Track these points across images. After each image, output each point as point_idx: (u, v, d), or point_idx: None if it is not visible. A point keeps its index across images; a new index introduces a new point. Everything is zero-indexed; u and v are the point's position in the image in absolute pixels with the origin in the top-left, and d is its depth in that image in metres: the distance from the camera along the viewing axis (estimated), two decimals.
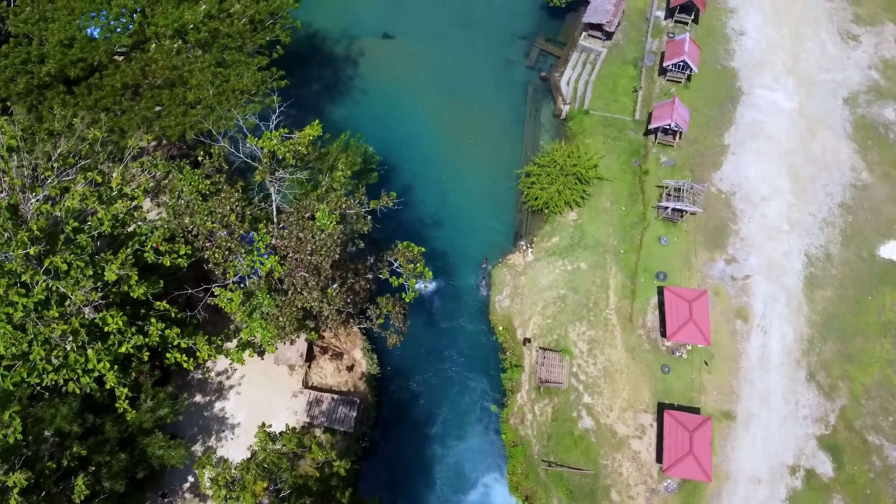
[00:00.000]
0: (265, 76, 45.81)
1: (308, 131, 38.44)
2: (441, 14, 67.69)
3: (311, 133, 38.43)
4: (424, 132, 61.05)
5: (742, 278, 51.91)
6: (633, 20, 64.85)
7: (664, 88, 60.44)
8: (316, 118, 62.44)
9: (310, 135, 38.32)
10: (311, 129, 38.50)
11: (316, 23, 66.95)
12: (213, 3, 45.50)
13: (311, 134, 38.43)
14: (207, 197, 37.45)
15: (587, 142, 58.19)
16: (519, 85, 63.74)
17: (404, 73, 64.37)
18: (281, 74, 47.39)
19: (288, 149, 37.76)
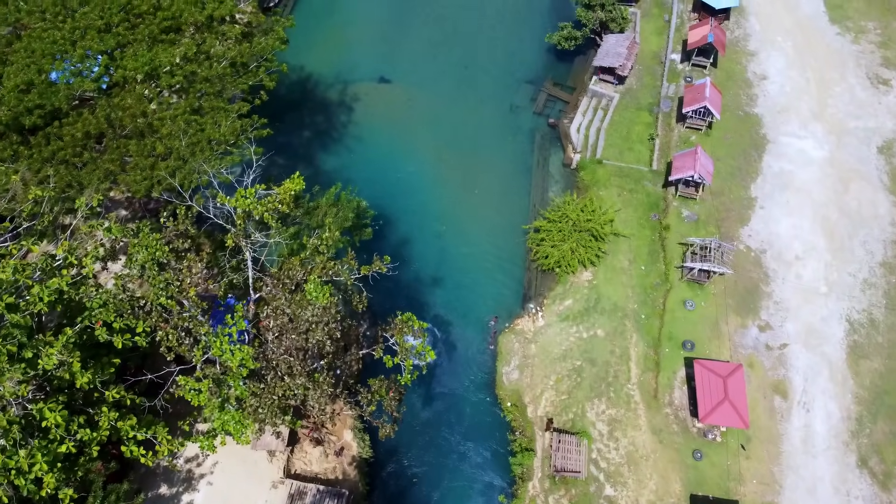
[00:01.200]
0: (245, 124, 40.97)
1: (288, 186, 33.38)
2: (441, 57, 63.56)
3: (293, 188, 33.37)
4: (424, 183, 56.26)
5: (778, 347, 46.40)
6: (646, 64, 60.65)
7: (683, 136, 55.81)
8: (306, 167, 58.54)
9: (291, 190, 33.24)
10: (291, 184, 33.45)
11: (308, 66, 62.85)
12: (191, 45, 40.92)
13: (293, 189, 33.35)
14: (166, 266, 32.15)
15: (601, 194, 53.29)
16: (525, 132, 59.19)
17: (402, 119, 59.92)
18: (263, 122, 42.62)
19: (266, 208, 32.60)
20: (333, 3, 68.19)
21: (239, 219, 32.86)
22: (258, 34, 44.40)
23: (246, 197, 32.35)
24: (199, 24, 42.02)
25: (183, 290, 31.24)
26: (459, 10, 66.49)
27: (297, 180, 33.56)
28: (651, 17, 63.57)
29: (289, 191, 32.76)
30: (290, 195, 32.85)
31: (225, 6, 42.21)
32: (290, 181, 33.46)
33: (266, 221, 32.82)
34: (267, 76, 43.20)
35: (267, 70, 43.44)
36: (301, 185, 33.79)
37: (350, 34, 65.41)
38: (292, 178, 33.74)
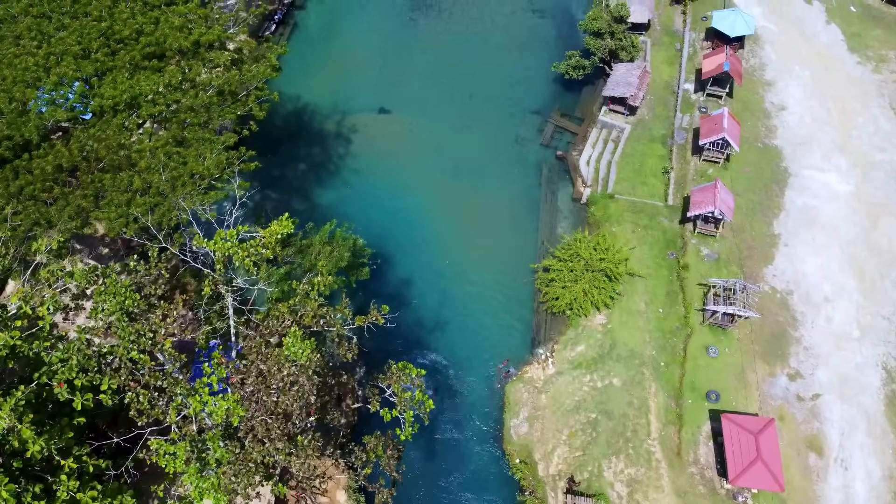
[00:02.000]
0: (232, 157, 37.83)
1: (275, 229, 30.05)
2: (444, 87, 60.82)
3: (279, 230, 30.05)
4: (425, 218, 53.02)
5: (810, 398, 42.66)
6: (658, 93, 57.85)
7: (700, 170, 52.71)
8: (301, 202, 55.34)
9: (277, 233, 29.89)
10: (278, 227, 30.15)
11: (304, 96, 60.14)
12: (176, 72, 37.99)
13: (279, 232, 30.00)
14: (137, 316, 28.61)
15: (614, 230, 49.99)
16: (532, 165, 56.12)
17: (402, 151, 56.93)
18: (251, 155, 39.50)
19: (248, 252, 29.18)
20: (331, 32, 65.75)
21: (218, 263, 29.42)
22: (249, 61, 41.45)
23: (226, 240, 28.95)
24: (185, 51, 39.08)
25: (156, 342, 27.67)
26: (462, 38, 64.00)
27: (284, 222, 30.25)
28: (662, 46, 61.00)
29: (275, 234, 29.42)
30: (276, 239, 29.45)
31: (213, 31, 39.39)
32: (277, 223, 30.16)
33: (247, 268, 29.35)
34: (257, 105, 40.11)
35: (257, 99, 40.28)
36: (289, 227, 30.49)
37: (348, 63, 62.79)
38: (279, 220, 30.43)
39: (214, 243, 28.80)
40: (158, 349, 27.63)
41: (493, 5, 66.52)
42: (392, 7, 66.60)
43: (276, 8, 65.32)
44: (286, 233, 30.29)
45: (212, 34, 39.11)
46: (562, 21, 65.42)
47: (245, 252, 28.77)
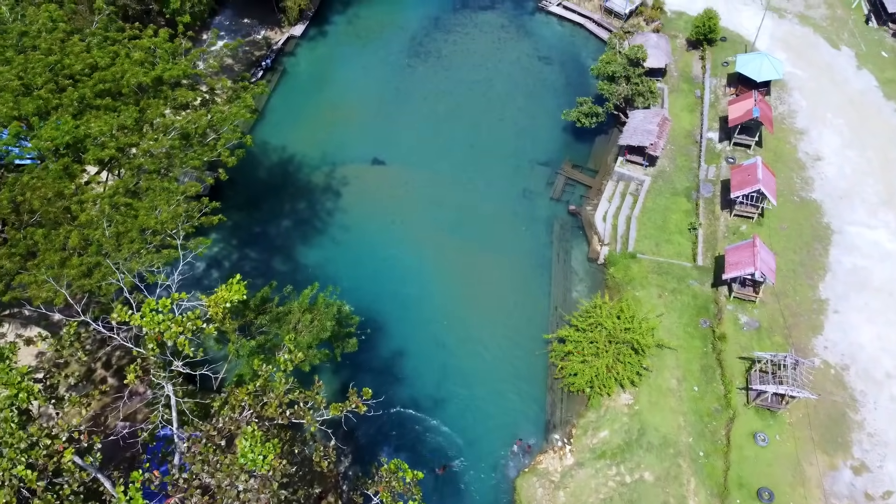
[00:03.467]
0: (192, 209, 31.99)
1: (223, 295, 23.94)
2: (443, 137, 55.69)
3: (228, 297, 23.91)
4: (423, 281, 47.00)
5: (881, 497, 35.73)
6: (679, 143, 52.63)
7: (732, 226, 46.93)
8: (284, 262, 49.08)
9: (225, 301, 23.78)
10: (226, 292, 24.03)
11: (291, 147, 54.94)
12: (132, 112, 32.57)
13: (229, 300, 23.89)
14: (32, 417, 22.16)
15: (637, 295, 43.88)
16: (542, 220, 50.37)
17: (398, 206, 51.31)
18: (214, 206, 33.73)
19: (184, 327, 22.92)
20: (323, 79, 61.12)
21: (150, 341, 23.09)
22: (222, 102, 36.12)
23: (158, 311, 22.74)
24: (145, 88, 33.76)
25: (52, 453, 21.08)
26: (464, 86, 59.28)
27: (235, 287, 24.15)
28: (680, 93, 56.15)
29: (222, 302, 23.26)
30: (224, 309, 23.31)
31: (178, 67, 34.26)
32: (227, 288, 24.07)
33: (183, 349, 23.03)
34: (227, 151, 34.50)
35: (227, 143, 34.74)
36: (240, 293, 24.37)
37: (340, 111, 57.85)
38: (229, 284, 24.33)
39: (142, 316, 22.56)
40: (55, 462, 21.02)
41: (497, 52, 62.11)
42: (389, 53, 62.16)
43: (264, 54, 60.85)
44: (236, 299, 24.09)
45: (176, 69, 33.93)
46: (570, 68, 60.84)
47: (179, 327, 22.48)
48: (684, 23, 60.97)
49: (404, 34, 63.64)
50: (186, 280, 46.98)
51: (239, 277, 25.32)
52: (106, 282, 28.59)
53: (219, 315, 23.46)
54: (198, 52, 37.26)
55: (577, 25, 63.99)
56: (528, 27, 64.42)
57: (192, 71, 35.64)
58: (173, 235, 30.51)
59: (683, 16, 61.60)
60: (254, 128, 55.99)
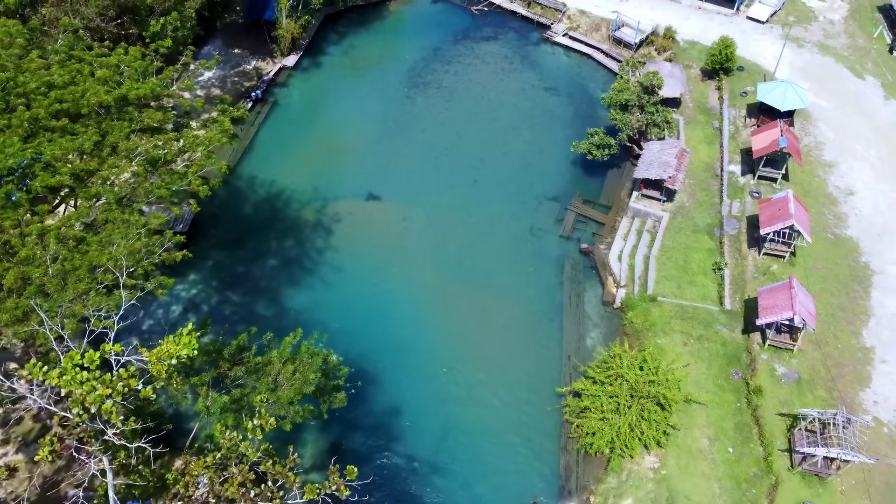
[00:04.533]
0: (152, 243, 27.76)
1: (168, 349, 19.52)
2: (444, 171, 51.88)
3: (175, 351, 19.49)
4: (421, 327, 42.57)
5: None
6: (697, 177, 48.78)
7: (761, 266, 42.71)
8: (268, 306, 44.32)
9: (171, 356, 19.35)
10: (172, 345, 19.63)
11: (280, 181, 51.05)
12: (91, 135, 28.64)
13: (175, 354, 19.46)
14: None
15: (659, 343, 39.42)
16: (551, 260, 46.12)
17: (394, 244, 47.17)
18: (179, 241, 29.60)
19: (114, 388, 18.40)
20: (316, 111, 57.67)
21: (74, 405, 18.53)
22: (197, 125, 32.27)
23: (84, 367, 18.27)
24: (108, 108, 29.90)
25: None
26: (466, 118, 55.75)
27: (184, 339, 19.73)
28: (697, 124, 52.56)
29: (167, 357, 18.83)
30: (169, 365, 18.88)
31: (146, 85, 30.37)
32: (174, 340, 19.60)
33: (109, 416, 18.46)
34: (198, 180, 30.44)
35: (199, 171, 30.70)
36: (190, 347, 19.94)
37: (333, 144, 54.20)
38: (177, 335, 19.92)
39: (61, 374, 18.09)
40: None
41: (500, 82, 58.79)
42: (386, 85, 58.81)
43: (254, 85, 57.49)
44: (184, 354, 19.65)
45: (143, 88, 30.09)
46: (578, 99, 57.40)
47: (107, 389, 17.96)
48: (698, 52, 57.83)
49: (402, 65, 60.44)
50: (157, 327, 42.84)
51: (191, 327, 20.94)
52: (43, 328, 24.13)
53: (162, 373, 19.00)
54: (171, 70, 33.51)
55: (585, 56, 60.87)
56: (533, 58, 61.27)
57: (165, 92, 31.86)
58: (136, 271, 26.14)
59: (697, 45, 58.49)
60: (241, 161, 52.37)
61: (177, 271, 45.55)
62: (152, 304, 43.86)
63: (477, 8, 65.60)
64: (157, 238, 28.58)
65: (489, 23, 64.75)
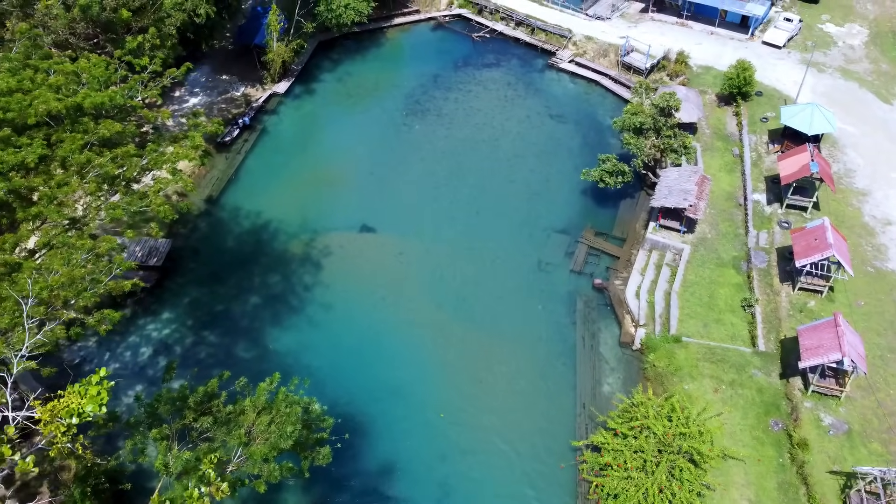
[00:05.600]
0: (97, 270, 23.57)
1: (71, 402, 15.27)
2: (444, 201, 48.03)
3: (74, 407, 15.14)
4: (418, 372, 38.12)
5: None
6: (718, 206, 44.90)
7: (796, 302, 38.43)
8: (249, 347, 39.77)
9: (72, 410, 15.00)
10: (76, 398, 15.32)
11: (267, 212, 47.23)
12: (37, 148, 24.75)
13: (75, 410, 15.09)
14: None
15: (687, 389, 34.89)
16: (561, 297, 41.87)
17: (390, 280, 43.01)
18: (128, 267, 25.38)
19: None
20: (307, 139, 54.26)
21: None
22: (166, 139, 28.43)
23: None
24: (60, 118, 26.07)
25: None
26: (467, 146, 52.20)
27: (92, 390, 15.42)
28: (715, 152, 48.93)
29: (66, 413, 14.48)
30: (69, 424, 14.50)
31: (104, 94, 26.60)
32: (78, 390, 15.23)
33: None
34: (160, 199, 26.43)
35: (162, 191, 26.74)
36: (100, 399, 15.59)
37: (325, 173, 50.60)
38: (85, 383, 15.59)
39: None
40: None
41: (504, 109, 55.44)
42: (382, 111, 55.48)
43: (242, 112, 54.09)
44: (91, 410, 15.30)
45: (100, 97, 26.25)
46: (587, 126, 53.96)
47: None
48: (712, 78, 54.60)
49: (400, 92, 57.22)
50: (125, 371, 38.43)
51: (103, 373, 16.60)
52: None
53: (59, 435, 14.61)
54: (136, 80, 29.82)
55: (592, 82, 57.71)
56: (538, 85, 58.07)
57: (128, 102, 28.06)
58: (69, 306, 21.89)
59: (711, 70, 55.31)
60: (224, 190, 48.72)
61: (149, 309, 41.59)
62: (119, 346, 39.60)
63: (478, 35, 62.83)
64: (105, 264, 24.38)
65: (491, 49, 61.86)
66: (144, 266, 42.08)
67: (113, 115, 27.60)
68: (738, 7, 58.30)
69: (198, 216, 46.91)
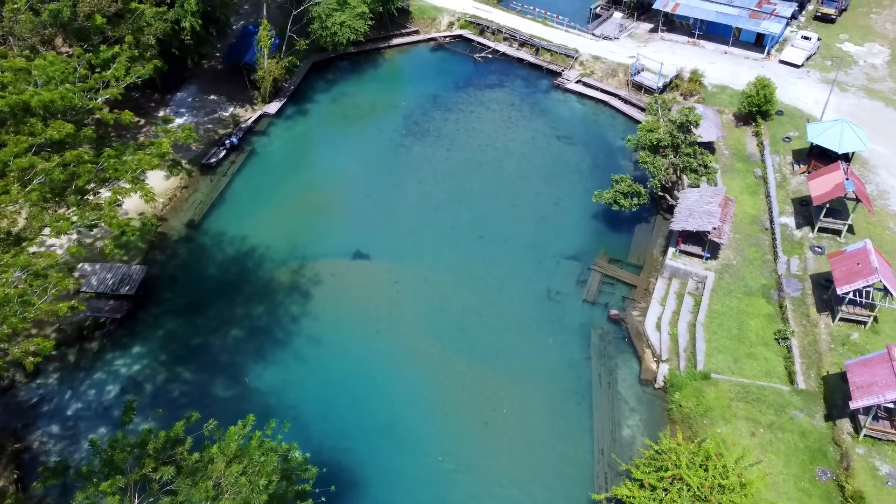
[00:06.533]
0: (28, 292, 19.74)
1: None
2: (445, 225, 44.49)
3: None
4: (415, 413, 34.10)
5: None
6: (743, 230, 41.34)
7: (838, 335, 34.56)
8: (227, 386, 35.48)
9: None
10: None
11: (252, 237, 43.65)
12: None
13: None
14: None
15: (719, 432, 30.79)
16: (574, 330, 37.99)
17: (385, 311, 39.17)
18: (66, 286, 21.49)
19: None
20: (298, 161, 50.98)
21: None
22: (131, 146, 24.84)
23: None
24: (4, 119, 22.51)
25: None
26: (469, 168, 48.87)
27: None
28: (735, 173, 45.57)
29: None
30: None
31: (55, 92, 23.09)
32: None
33: None
34: (113, 210, 22.72)
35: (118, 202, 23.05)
36: None
37: (317, 196, 47.18)
38: None
39: None
40: None
41: (507, 130, 52.28)
42: (379, 132, 52.29)
43: (229, 132, 50.87)
44: None
45: (51, 94, 22.77)
46: (596, 148, 50.70)
47: None
48: (728, 97, 51.60)
49: (397, 112, 54.13)
50: (88, 411, 34.33)
51: None
52: None
53: None
54: (96, 78, 26.41)
55: (601, 103, 54.67)
56: (543, 105, 55.02)
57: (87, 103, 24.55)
58: None
59: (727, 90, 52.34)
60: (208, 214, 45.20)
61: (118, 342, 37.66)
62: (83, 383, 35.55)
63: (480, 55, 60.08)
64: (40, 282, 20.56)
65: (494, 70, 59.02)
66: (115, 295, 38.31)
67: (68, 117, 24.09)
68: (752, 25, 55.60)
69: (177, 241, 43.30)
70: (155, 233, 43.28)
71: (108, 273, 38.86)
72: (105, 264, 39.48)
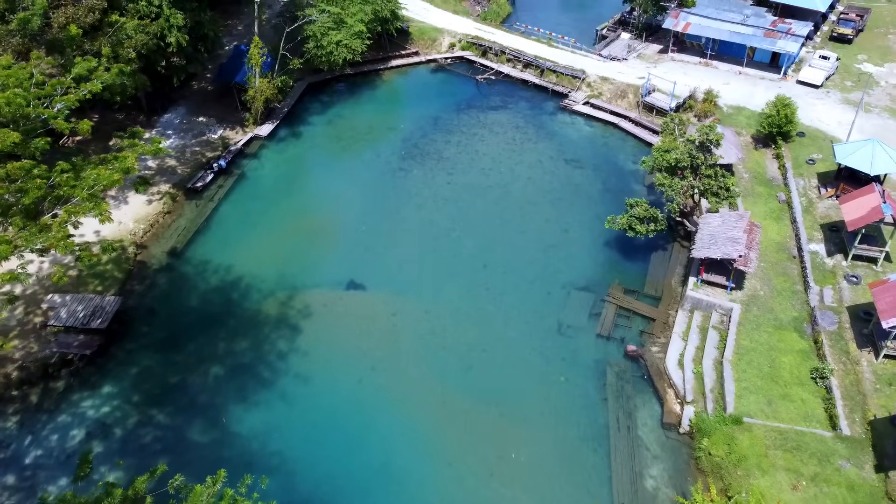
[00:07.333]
0: None
1: None
2: (445, 254, 41.38)
3: None
4: (412, 462, 30.63)
5: None
6: (768, 258, 38.18)
7: (883, 373, 31.18)
8: (205, 431, 31.96)
9: None
10: None
11: (239, 266, 40.50)
12: None
13: None
14: None
15: (755, 485, 27.22)
16: (588, 367, 34.60)
17: (380, 347, 35.84)
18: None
19: None
20: (290, 185, 48.06)
21: None
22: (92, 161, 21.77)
23: None
24: None
25: None
26: (472, 193, 45.91)
27: None
28: (757, 197, 42.59)
29: None
30: None
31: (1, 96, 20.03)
32: None
33: None
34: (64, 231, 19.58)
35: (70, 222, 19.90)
36: None
37: (309, 223, 44.19)
38: None
39: None
40: None
41: (512, 154, 49.43)
42: (376, 155, 49.47)
43: (217, 155, 48.03)
44: None
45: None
46: (607, 172, 47.78)
47: None
48: (745, 118, 48.86)
49: (396, 135, 51.38)
50: (49, 459, 30.80)
51: None
52: None
53: None
54: (55, 84, 23.50)
55: (610, 125, 51.92)
56: (550, 128, 52.27)
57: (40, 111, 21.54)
58: None
59: (743, 111, 49.62)
60: (192, 241, 42.09)
61: (87, 381, 34.24)
62: (45, 427, 32.07)
63: (483, 77, 57.57)
64: None
65: (497, 92, 56.43)
66: (86, 329, 35.04)
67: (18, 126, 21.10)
68: (768, 44, 53.13)
69: (157, 270, 40.16)
70: (133, 261, 40.21)
71: (79, 305, 35.67)
72: (76, 295, 36.33)
